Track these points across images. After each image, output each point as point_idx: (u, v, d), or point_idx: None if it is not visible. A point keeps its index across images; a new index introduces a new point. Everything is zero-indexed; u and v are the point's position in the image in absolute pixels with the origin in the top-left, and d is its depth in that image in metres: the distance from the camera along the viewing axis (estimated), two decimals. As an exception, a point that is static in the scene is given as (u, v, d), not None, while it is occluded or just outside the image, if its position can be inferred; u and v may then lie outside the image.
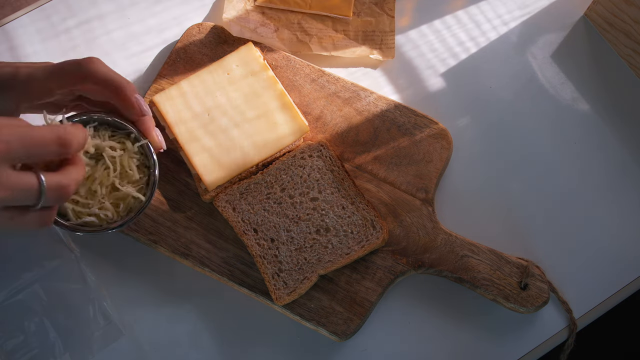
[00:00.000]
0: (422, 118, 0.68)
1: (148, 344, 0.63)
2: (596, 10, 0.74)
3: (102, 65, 0.55)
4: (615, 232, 0.67)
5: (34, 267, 0.63)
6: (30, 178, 0.42)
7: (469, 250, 0.63)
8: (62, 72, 0.54)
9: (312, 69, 0.70)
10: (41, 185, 0.43)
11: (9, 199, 0.41)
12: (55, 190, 0.44)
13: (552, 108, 0.72)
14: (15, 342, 0.61)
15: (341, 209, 0.63)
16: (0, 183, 0.40)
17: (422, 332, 0.64)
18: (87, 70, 0.54)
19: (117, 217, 0.57)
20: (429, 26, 0.76)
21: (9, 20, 0.74)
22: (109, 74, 0.54)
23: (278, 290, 0.61)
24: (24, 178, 0.42)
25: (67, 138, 0.44)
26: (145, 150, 0.58)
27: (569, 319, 0.64)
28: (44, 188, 0.43)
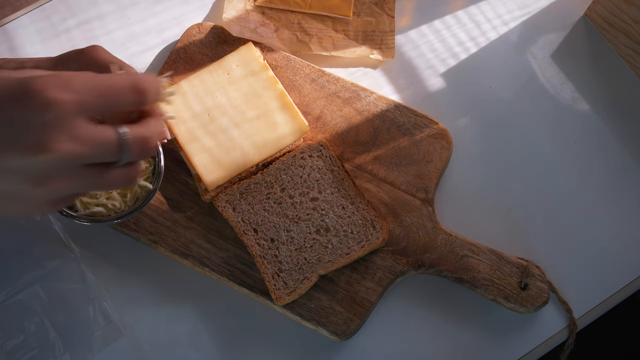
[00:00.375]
0: (422, 118, 0.68)
1: (148, 344, 0.63)
2: (596, 10, 0.74)
3: (105, 52, 0.53)
4: (615, 232, 0.67)
5: (34, 267, 0.63)
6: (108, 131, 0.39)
7: (469, 250, 0.63)
8: (66, 61, 0.53)
9: (312, 69, 0.70)
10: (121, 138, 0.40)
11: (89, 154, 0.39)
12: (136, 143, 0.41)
13: (552, 108, 0.72)
14: (15, 342, 0.61)
15: (341, 209, 0.63)
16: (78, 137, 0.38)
17: (422, 332, 0.64)
18: (90, 57, 0.52)
19: (125, 206, 0.57)
20: (429, 26, 0.76)
21: (9, 20, 0.74)
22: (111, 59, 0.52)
23: (278, 290, 0.61)
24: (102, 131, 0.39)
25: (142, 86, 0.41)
26: None
27: (569, 319, 0.64)
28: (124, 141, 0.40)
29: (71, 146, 0.37)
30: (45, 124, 0.37)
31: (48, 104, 0.36)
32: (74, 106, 0.37)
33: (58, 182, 0.39)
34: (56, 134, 0.37)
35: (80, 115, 0.38)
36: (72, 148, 0.38)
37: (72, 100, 0.37)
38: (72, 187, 0.40)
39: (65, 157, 0.38)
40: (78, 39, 0.73)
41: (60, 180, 0.39)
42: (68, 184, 0.39)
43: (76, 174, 0.39)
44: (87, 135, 0.38)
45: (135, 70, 0.52)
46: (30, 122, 0.36)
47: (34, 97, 0.36)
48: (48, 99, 0.36)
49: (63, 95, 0.37)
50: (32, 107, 0.36)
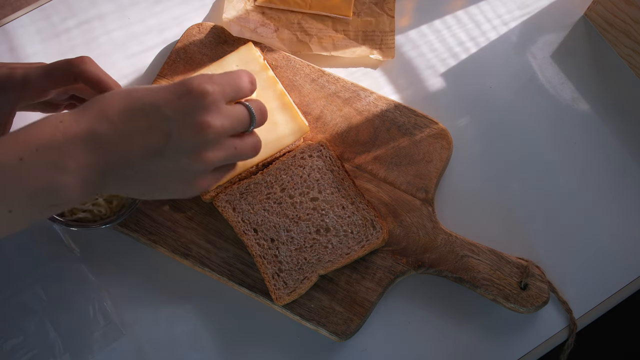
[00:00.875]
0: (422, 118, 0.68)
1: (148, 344, 0.63)
2: (596, 10, 0.74)
3: (93, 65, 0.56)
4: (615, 232, 0.67)
5: (34, 267, 0.63)
6: (241, 108, 0.51)
7: (469, 250, 0.63)
8: (55, 71, 0.56)
9: (312, 69, 0.70)
10: (250, 111, 0.52)
11: (233, 126, 0.50)
12: (259, 112, 0.53)
13: (552, 108, 0.72)
14: (15, 342, 0.61)
15: (341, 209, 0.63)
16: (225, 115, 0.49)
17: (422, 332, 0.64)
18: (78, 69, 0.56)
19: (110, 213, 0.60)
20: (429, 26, 0.76)
21: (9, 20, 0.74)
22: (99, 74, 0.56)
23: (278, 290, 0.61)
24: (238, 108, 0.51)
25: (253, 78, 0.53)
26: None
27: (569, 319, 0.64)
28: (253, 112, 0.52)
29: (222, 121, 0.49)
30: (205, 107, 0.48)
31: (205, 93, 0.48)
32: (219, 94, 0.49)
33: (213, 153, 0.49)
34: (212, 114, 0.48)
35: (223, 99, 0.49)
36: (223, 123, 0.49)
37: (218, 90, 0.49)
38: (223, 157, 0.50)
39: (219, 131, 0.48)
40: (78, 39, 0.73)
41: (214, 151, 0.49)
42: (220, 154, 0.50)
43: (224, 144, 0.50)
44: (231, 113, 0.50)
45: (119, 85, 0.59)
46: (195, 107, 0.48)
47: (194, 90, 0.48)
48: (204, 90, 0.48)
49: (212, 87, 0.48)
50: (195, 97, 0.48)
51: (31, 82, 0.56)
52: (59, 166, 0.45)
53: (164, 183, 0.50)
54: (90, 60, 0.56)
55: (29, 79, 0.56)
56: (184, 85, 0.48)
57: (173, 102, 0.48)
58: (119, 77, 0.72)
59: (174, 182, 0.50)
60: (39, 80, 0.56)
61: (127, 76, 0.72)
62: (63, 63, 0.56)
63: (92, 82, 0.56)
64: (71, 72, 0.55)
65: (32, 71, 0.56)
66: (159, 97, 0.48)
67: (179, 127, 0.47)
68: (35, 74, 0.56)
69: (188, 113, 0.48)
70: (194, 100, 0.48)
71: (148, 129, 0.47)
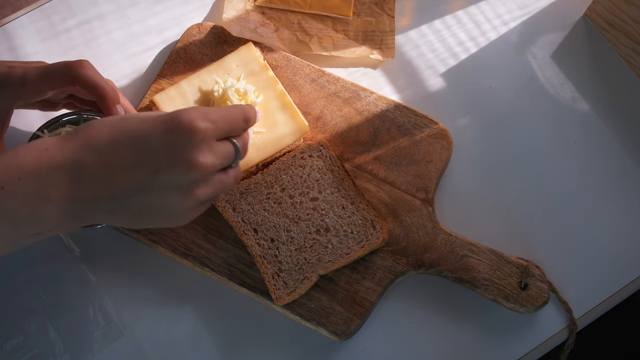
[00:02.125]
0: (422, 118, 0.68)
1: (148, 344, 0.63)
2: (596, 10, 0.74)
3: (91, 69, 0.56)
4: (615, 232, 0.67)
5: (34, 267, 0.63)
6: (228, 145, 0.51)
7: (469, 250, 0.63)
8: (53, 74, 0.56)
9: (312, 69, 0.70)
10: (236, 148, 0.51)
11: (222, 164, 0.50)
12: (243, 148, 0.53)
13: (552, 108, 0.72)
14: (15, 342, 0.61)
15: (341, 209, 0.64)
16: (215, 153, 0.48)
17: (422, 332, 0.64)
18: (75, 73, 0.55)
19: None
20: (429, 26, 0.76)
21: (9, 20, 0.74)
22: (96, 80, 0.56)
23: (278, 290, 0.61)
24: (226, 146, 0.50)
25: (250, 117, 0.52)
26: None
27: (569, 319, 0.64)
28: (239, 149, 0.51)
29: (212, 160, 0.48)
30: (195, 144, 0.47)
31: (196, 130, 0.47)
32: (211, 131, 0.48)
33: (202, 190, 0.49)
34: (202, 152, 0.47)
35: (214, 137, 0.49)
36: (212, 161, 0.48)
37: (210, 128, 0.48)
38: (211, 193, 0.50)
39: (208, 169, 0.48)
40: (78, 39, 0.73)
41: (203, 188, 0.49)
42: (209, 190, 0.49)
43: (212, 181, 0.49)
44: (219, 150, 0.49)
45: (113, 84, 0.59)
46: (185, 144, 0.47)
47: (184, 126, 0.46)
48: (196, 127, 0.47)
49: (205, 124, 0.47)
50: (186, 134, 0.46)
51: (29, 82, 0.56)
52: (41, 196, 0.45)
53: (151, 216, 0.49)
54: (89, 64, 0.56)
55: (27, 78, 0.56)
56: (175, 120, 0.47)
57: (162, 136, 0.46)
58: (119, 77, 0.72)
59: (161, 215, 0.49)
60: (37, 80, 0.56)
61: (127, 76, 0.72)
62: (62, 66, 0.56)
63: (89, 86, 0.56)
64: (69, 75, 0.55)
65: (30, 71, 0.56)
66: (148, 130, 0.46)
67: (168, 163, 0.46)
68: (33, 74, 0.56)
69: (177, 149, 0.46)
70: (184, 136, 0.46)
71: (135, 163, 0.46)
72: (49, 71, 0.56)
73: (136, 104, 0.70)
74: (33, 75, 0.56)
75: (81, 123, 0.58)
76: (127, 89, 0.71)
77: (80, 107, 0.62)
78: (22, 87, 0.56)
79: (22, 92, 0.56)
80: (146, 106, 0.68)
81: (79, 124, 0.58)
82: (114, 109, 0.56)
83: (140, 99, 0.70)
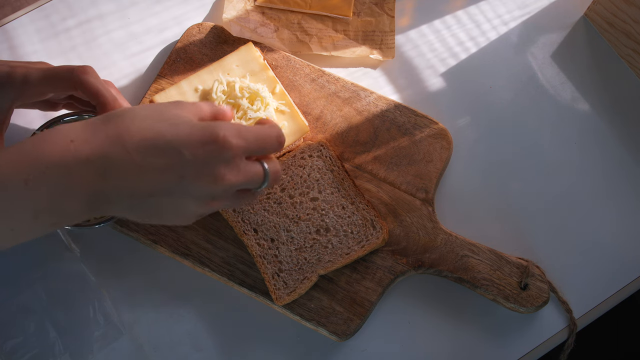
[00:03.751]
0: (422, 118, 0.68)
1: (148, 344, 0.63)
2: (596, 10, 0.74)
3: (93, 76, 0.56)
4: (615, 232, 0.67)
5: (34, 267, 0.63)
6: (258, 167, 0.51)
7: (469, 250, 0.63)
8: (55, 77, 0.56)
9: (312, 69, 0.70)
10: (265, 172, 0.51)
11: (244, 183, 0.49)
12: (273, 176, 0.52)
13: (552, 108, 0.72)
14: (15, 342, 0.61)
15: (341, 209, 0.64)
16: (241, 170, 0.49)
17: (422, 332, 0.64)
18: (78, 79, 0.55)
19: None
20: (429, 26, 0.76)
21: (9, 20, 0.74)
22: (97, 87, 0.56)
23: (278, 290, 0.61)
24: (255, 167, 0.50)
25: (283, 138, 0.52)
26: None
27: (569, 319, 0.64)
28: (268, 174, 0.51)
29: (236, 178, 0.49)
30: (225, 160, 0.47)
31: (230, 147, 0.47)
32: (242, 150, 0.48)
33: (217, 203, 0.50)
34: (230, 169, 0.48)
35: (244, 155, 0.49)
36: (237, 179, 0.49)
37: (242, 146, 0.48)
38: (224, 205, 0.51)
39: (232, 185, 0.48)
40: (78, 39, 0.73)
41: (219, 201, 0.50)
42: (223, 203, 0.50)
43: (231, 196, 0.50)
44: (246, 170, 0.49)
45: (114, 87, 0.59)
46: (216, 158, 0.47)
47: (219, 140, 0.47)
48: (230, 143, 0.47)
49: (238, 141, 0.48)
50: (219, 148, 0.47)
51: (31, 83, 0.56)
52: (65, 190, 0.45)
53: (164, 215, 0.50)
54: (92, 70, 0.56)
55: (29, 79, 0.56)
56: (210, 133, 0.47)
57: (196, 148, 0.47)
58: (119, 77, 0.72)
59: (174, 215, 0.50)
60: (38, 82, 0.56)
61: (127, 76, 0.72)
62: (65, 70, 0.56)
63: (90, 93, 0.56)
64: (71, 80, 0.55)
65: (33, 72, 0.56)
66: (182, 139, 0.47)
67: (195, 174, 0.47)
68: (35, 76, 0.56)
69: (208, 163, 0.47)
70: (217, 151, 0.47)
71: (164, 168, 0.46)
72: (51, 74, 0.56)
73: (136, 104, 0.70)
74: (35, 76, 0.56)
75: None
76: (127, 89, 0.71)
77: (80, 107, 0.62)
78: (23, 88, 0.56)
79: (23, 93, 0.56)
80: (146, 106, 0.68)
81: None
82: None
83: (140, 99, 0.70)
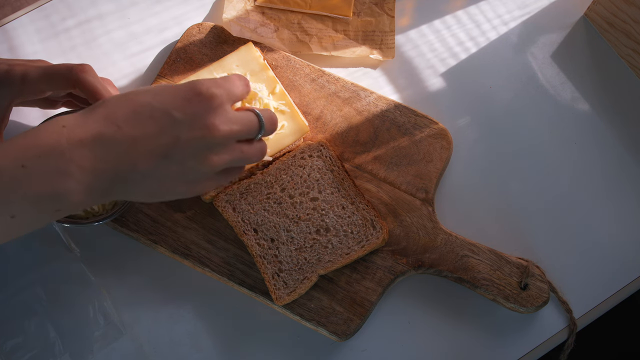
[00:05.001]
0: (422, 118, 0.68)
1: (148, 344, 0.63)
2: (596, 10, 0.74)
3: (91, 75, 0.56)
4: (615, 232, 0.67)
5: (34, 267, 0.63)
6: (251, 115, 0.52)
7: (469, 250, 0.63)
8: (54, 75, 0.56)
9: (312, 69, 0.70)
10: (259, 118, 0.52)
11: (240, 131, 0.50)
12: (269, 120, 0.53)
13: (552, 108, 0.72)
14: (15, 342, 0.61)
15: (341, 209, 0.63)
16: (232, 119, 0.50)
17: (422, 332, 0.64)
18: (76, 77, 0.56)
19: (103, 210, 0.59)
20: (429, 26, 0.76)
21: (9, 20, 0.74)
22: (95, 86, 0.56)
23: (278, 290, 0.61)
24: (248, 114, 0.52)
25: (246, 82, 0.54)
26: None
27: (569, 319, 0.64)
28: (262, 120, 0.52)
29: (230, 125, 0.49)
30: (213, 109, 0.49)
31: (213, 96, 0.49)
32: (225, 96, 0.50)
33: (219, 157, 0.50)
34: (220, 117, 0.49)
35: (229, 102, 0.50)
36: (231, 127, 0.50)
37: (224, 93, 0.50)
38: (229, 160, 0.51)
39: (226, 133, 0.49)
40: (78, 39, 0.73)
41: (220, 154, 0.50)
42: (226, 157, 0.50)
43: (231, 149, 0.50)
44: (238, 118, 0.51)
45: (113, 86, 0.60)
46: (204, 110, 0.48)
47: (203, 93, 0.49)
48: (213, 93, 0.49)
49: (218, 89, 0.49)
50: (204, 100, 0.48)
51: (30, 81, 0.56)
52: (62, 172, 0.45)
53: (169, 185, 0.50)
54: (91, 69, 0.56)
55: (28, 78, 0.56)
56: (193, 89, 0.49)
57: (183, 106, 0.48)
58: (119, 77, 0.72)
59: (178, 183, 0.50)
60: (37, 81, 0.56)
61: (127, 76, 0.72)
62: (63, 68, 0.56)
63: (88, 92, 0.56)
64: (70, 79, 0.56)
65: (31, 70, 0.56)
66: (168, 101, 0.48)
67: (188, 130, 0.48)
68: (34, 74, 0.56)
69: (198, 116, 0.48)
70: (203, 103, 0.48)
71: (157, 133, 0.47)
72: (50, 72, 0.56)
73: (136, 104, 0.70)
74: (34, 74, 0.56)
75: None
76: (127, 89, 0.71)
77: (79, 105, 0.63)
78: (22, 86, 0.56)
79: (22, 91, 0.56)
80: (146, 106, 0.68)
81: None
82: None
83: (140, 99, 0.70)
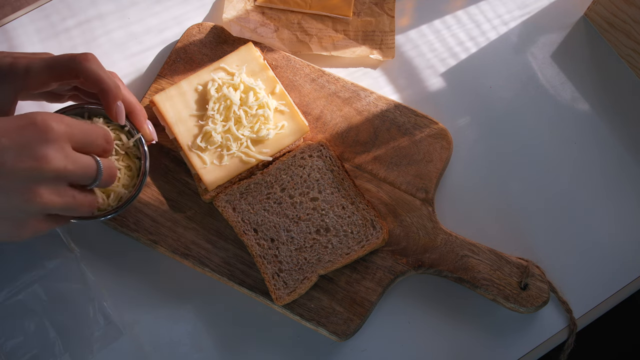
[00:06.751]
0: (422, 118, 0.68)
1: (148, 344, 0.63)
2: (596, 10, 0.74)
3: (95, 63, 0.56)
4: (615, 232, 0.67)
5: (34, 267, 0.63)
6: (90, 159, 0.50)
7: (469, 250, 0.63)
8: (57, 65, 0.56)
9: (312, 69, 0.70)
10: (98, 165, 0.51)
11: (75, 173, 0.49)
12: (107, 171, 0.52)
13: (552, 108, 0.72)
14: (15, 342, 0.61)
15: (341, 209, 0.63)
16: (68, 157, 0.48)
17: (422, 332, 0.64)
18: (80, 67, 0.55)
19: (107, 206, 0.58)
20: (429, 26, 0.76)
21: (9, 20, 0.74)
22: (99, 74, 0.56)
23: (278, 290, 0.61)
24: (86, 158, 0.50)
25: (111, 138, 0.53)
26: (137, 142, 0.59)
27: (569, 319, 0.64)
28: (101, 168, 0.51)
29: (64, 162, 0.47)
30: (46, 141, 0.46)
31: (49, 128, 0.47)
32: (65, 134, 0.48)
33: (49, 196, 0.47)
34: (54, 150, 0.47)
35: (69, 142, 0.48)
36: (66, 165, 0.47)
37: (65, 130, 0.48)
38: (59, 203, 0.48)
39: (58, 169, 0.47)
40: (78, 39, 0.73)
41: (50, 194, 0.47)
42: (56, 199, 0.48)
43: (62, 191, 0.49)
44: (75, 157, 0.49)
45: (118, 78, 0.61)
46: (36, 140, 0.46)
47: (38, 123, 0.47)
48: (50, 126, 0.47)
49: (59, 125, 0.48)
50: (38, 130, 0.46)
51: (33, 74, 0.55)
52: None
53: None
54: (94, 57, 0.56)
55: (31, 70, 0.55)
56: (28, 118, 0.47)
57: (13, 132, 0.46)
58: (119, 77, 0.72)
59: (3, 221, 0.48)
60: (41, 72, 0.55)
61: (127, 76, 0.72)
62: (66, 58, 0.56)
63: (92, 80, 0.55)
64: (73, 68, 0.55)
65: (35, 62, 0.56)
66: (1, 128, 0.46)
67: (15, 157, 0.45)
68: (37, 66, 0.55)
69: (28, 146, 0.46)
70: (36, 133, 0.46)
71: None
72: (53, 63, 0.56)
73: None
74: (37, 66, 0.55)
75: (84, 115, 0.58)
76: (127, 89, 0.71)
77: (85, 99, 0.62)
78: (26, 78, 0.56)
79: (26, 83, 0.56)
80: (146, 106, 0.68)
81: (82, 116, 0.59)
82: (114, 106, 0.56)
83: (140, 99, 0.70)
